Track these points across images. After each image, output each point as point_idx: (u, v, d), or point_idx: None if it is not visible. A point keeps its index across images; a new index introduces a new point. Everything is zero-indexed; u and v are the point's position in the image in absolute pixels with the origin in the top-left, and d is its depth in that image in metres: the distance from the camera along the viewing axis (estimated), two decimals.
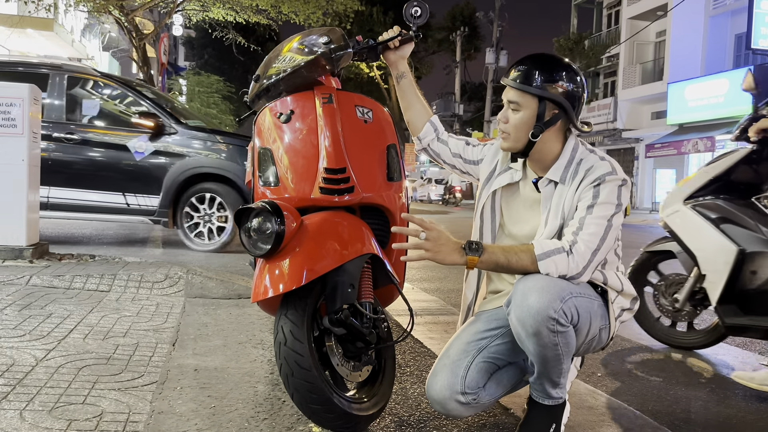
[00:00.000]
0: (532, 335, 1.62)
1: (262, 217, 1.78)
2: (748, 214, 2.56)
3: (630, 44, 25.61)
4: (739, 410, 2.24)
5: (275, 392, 2.12)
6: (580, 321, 1.66)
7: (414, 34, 2.14)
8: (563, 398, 1.80)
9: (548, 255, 1.67)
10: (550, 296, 1.60)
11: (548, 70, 1.77)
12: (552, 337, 1.62)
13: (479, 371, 1.79)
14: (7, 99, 4.12)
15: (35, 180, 4.34)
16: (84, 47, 17.65)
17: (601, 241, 1.69)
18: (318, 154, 1.94)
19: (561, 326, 1.62)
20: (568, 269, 1.66)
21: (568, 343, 1.66)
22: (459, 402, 1.76)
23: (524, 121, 1.78)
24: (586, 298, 1.70)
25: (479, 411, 1.87)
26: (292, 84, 2.05)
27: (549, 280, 1.65)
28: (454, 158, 2.11)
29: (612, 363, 2.74)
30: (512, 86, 1.79)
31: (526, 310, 1.61)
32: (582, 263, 1.67)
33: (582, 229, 1.70)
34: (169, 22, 15.77)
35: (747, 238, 2.49)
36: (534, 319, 1.60)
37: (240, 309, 3.41)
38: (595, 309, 1.73)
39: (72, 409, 1.84)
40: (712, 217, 2.60)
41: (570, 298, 1.64)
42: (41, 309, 3.00)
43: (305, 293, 1.75)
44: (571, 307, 1.63)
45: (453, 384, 1.76)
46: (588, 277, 1.71)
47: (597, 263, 1.71)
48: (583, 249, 1.68)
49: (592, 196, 1.72)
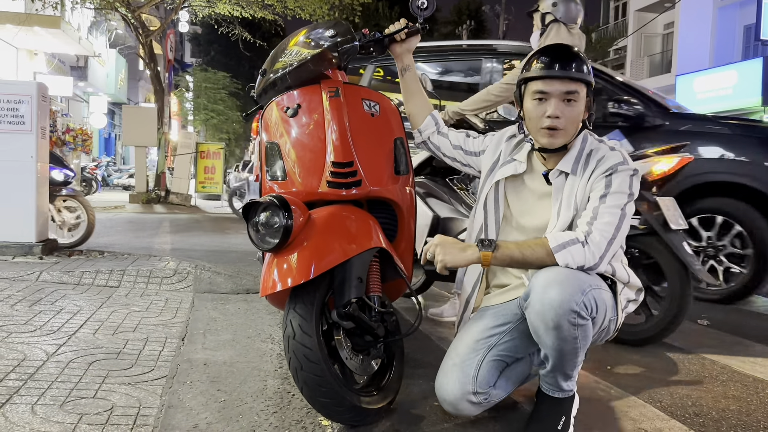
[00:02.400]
0: (552, 329, 1.61)
1: (270, 211, 1.78)
2: (444, 191, 3.23)
3: (638, 36, 25.43)
4: (751, 403, 2.23)
5: (284, 386, 2.12)
6: (598, 313, 1.66)
7: (420, 26, 2.13)
8: (573, 391, 1.80)
9: (564, 246, 1.66)
10: (572, 289, 1.59)
11: (580, 58, 1.77)
12: (572, 331, 1.61)
13: (490, 370, 1.78)
14: (15, 96, 4.15)
15: (44, 177, 4.37)
16: (91, 44, 17.68)
17: (616, 230, 1.68)
18: (325, 147, 1.94)
19: (582, 319, 1.61)
20: (585, 260, 1.65)
21: (586, 336, 1.65)
22: (471, 402, 1.75)
23: (581, 111, 1.76)
24: (602, 290, 1.70)
25: (487, 409, 1.87)
26: (299, 78, 2.05)
27: (568, 272, 1.64)
28: (455, 150, 2.10)
29: (621, 356, 2.73)
30: (573, 76, 1.72)
31: (548, 303, 1.59)
32: (598, 253, 1.66)
33: (596, 219, 1.69)
34: (175, 18, 15.80)
35: (441, 208, 3.15)
36: (556, 313, 1.58)
37: (249, 304, 3.42)
38: (608, 301, 1.72)
39: (83, 403, 1.85)
40: (420, 192, 3.17)
41: (590, 290, 1.63)
42: (51, 304, 3.02)
43: (313, 287, 1.75)
44: (591, 300, 1.62)
45: (464, 384, 1.75)
46: (605, 266, 1.70)
47: (613, 253, 1.70)
48: (599, 239, 1.67)
49: (605, 186, 1.71)
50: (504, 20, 31.68)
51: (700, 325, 3.43)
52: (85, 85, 21.46)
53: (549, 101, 1.74)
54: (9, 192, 4.16)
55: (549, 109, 1.74)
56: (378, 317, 1.84)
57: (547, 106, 1.74)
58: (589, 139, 1.82)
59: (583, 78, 1.73)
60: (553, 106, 1.73)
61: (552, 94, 1.74)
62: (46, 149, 4.38)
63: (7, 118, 4.13)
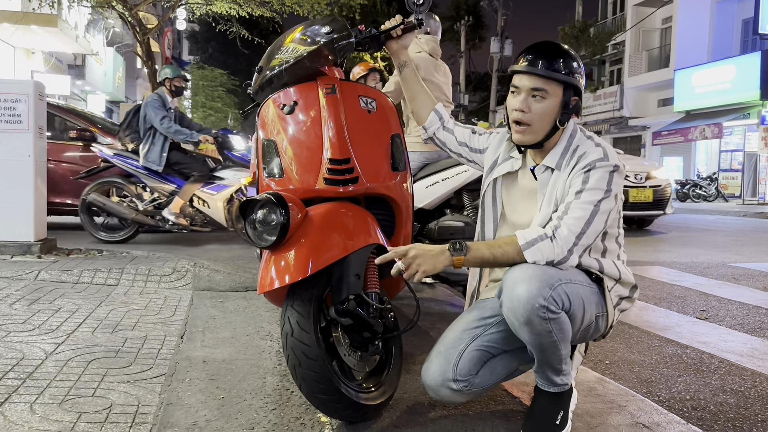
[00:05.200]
0: (524, 324, 1.62)
1: (266, 208, 1.78)
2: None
3: (636, 31, 25.39)
4: (748, 396, 2.23)
5: (283, 383, 2.13)
6: (572, 307, 1.66)
7: (417, 22, 2.13)
8: (569, 385, 1.80)
9: (532, 243, 1.68)
10: (538, 284, 1.60)
11: (567, 58, 1.76)
12: (545, 325, 1.61)
13: (471, 359, 1.79)
14: (12, 95, 4.14)
15: (42, 175, 4.36)
16: (88, 43, 17.65)
17: (586, 225, 1.68)
18: (322, 144, 1.94)
19: (552, 313, 1.61)
20: (554, 254, 1.66)
21: (562, 329, 1.65)
22: (450, 389, 1.76)
23: (551, 109, 1.75)
24: (577, 285, 1.70)
25: (473, 398, 1.87)
26: (295, 75, 2.05)
27: (536, 268, 1.65)
28: (460, 147, 2.10)
29: (620, 351, 2.74)
30: (539, 73, 1.73)
31: (516, 300, 1.61)
32: (566, 246, 1.67)
33: (566, 214, 1.70)
34: (172, 16, 15.73)
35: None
36: (524, 308, 1.60)
37: (247, 301, 3.42)
38: (588, 296, 1.73)
39: (82, 401, 1.86)
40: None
41: (559, 284, 1.64)
42: (50, 303, 3.02)
43: (311, 284, 1.75)
44: (562, 294, 1.63)
45: (445, 371, 1.76)
46: (575, 260, 1.70)
47: (584, 247, 1.70)
48: (566, 233, 1.67)
49: (582, 182, 1.72)
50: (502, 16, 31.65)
51: (698, 319, 3.43)
52: (82, 84, 21.40)
53: (519, 95, 1.77)
54: (7, 191, 4.16)
55: (516, 102, 1.77)
56: (376, 314, 1.84)
57: (516, 100, 1.77)
58: (577, 134, 1.82)
59: (552, 77, 1.73)
60: (520, 100, 1.77)
61: (521, 89, 1.77)
62: (43, 148, 4.38)
63: (4, 117, 4.12)
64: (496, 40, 31.81)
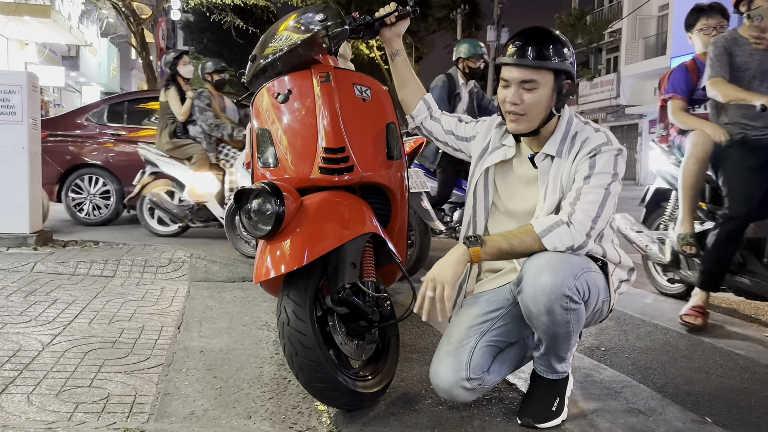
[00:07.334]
0: (545, 314, 1.62)
1: (261, 198, 1.78)
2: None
3: (632, 19, 25.30)
4: (743, 382, 2.25)
5: (280, 372, 2.13)
6: (590, 296, 1.67)
7: (411, 9, 2.12)
8: (567, 372, 1.82)
9: (550, 230, 1.67)
10: (563, 274, 1.60)
11: (555, 43, 1.73)
12: (565, 315, 1.62)
13: (483, 356, 1.79)
14: (5, 86, 4.12)
15: (36, 167, 4.35)
16: (82, 33, 17.51)
17: (600, 208, 1.68)
18: (317, 133, 1.93)
19: (574, 303, 1.62)
20: (573, 239, 1.66)
21: (579, 319, 1.66)
22: (465, 388, 1.76)
23: (545, 98, 1.73)
24: (593, 273, 1.70)
25: (481, 394, 1.88)
26: (289, 63, 2.03)
27: (559, 257, 1.64)
28: (447, 135, 2.09)
29: (616, 338, 2.75)
30: (528, 64, 1.70)
31: (540, 289, 1.60)
32: (584, 230, 1.67)
33: (579, 199, 1.69)
34: (166, 6, 15.65)
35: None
36: (548, 298, 1.60)
37: (244, 291, 3.42)
38: (600, 283, 1.73)
39: (79, 392, 1.86)
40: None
41: (582, 274, 1.64)
42: (46, 295, 3.02)
43: (307, 273, 1.75)
44: (583, 284, 1.64)
45: (458, 371, 1.76)
46: (592, 245, 1.70)
47: (599, 231, 1.70)
48: (582, 217, 1.67)
49: (589, 167, 1.71)
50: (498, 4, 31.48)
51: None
52: (77, 75, 21.27)
53: (510, 87, 1.75)
54: (1, 182, 4.14)
55: (509, 95, 1.74)
56: (372, 302, 1.85)
57: (508, 93, 1.75)
58: (574, 121, 1.81)
59: (543, 66, 1.70)
60: (512, 92, 1.74)
61: (511, 82, 1.74)
62: (37, 139, 4.36)
63: None
64: (492, 29, 31.61)
